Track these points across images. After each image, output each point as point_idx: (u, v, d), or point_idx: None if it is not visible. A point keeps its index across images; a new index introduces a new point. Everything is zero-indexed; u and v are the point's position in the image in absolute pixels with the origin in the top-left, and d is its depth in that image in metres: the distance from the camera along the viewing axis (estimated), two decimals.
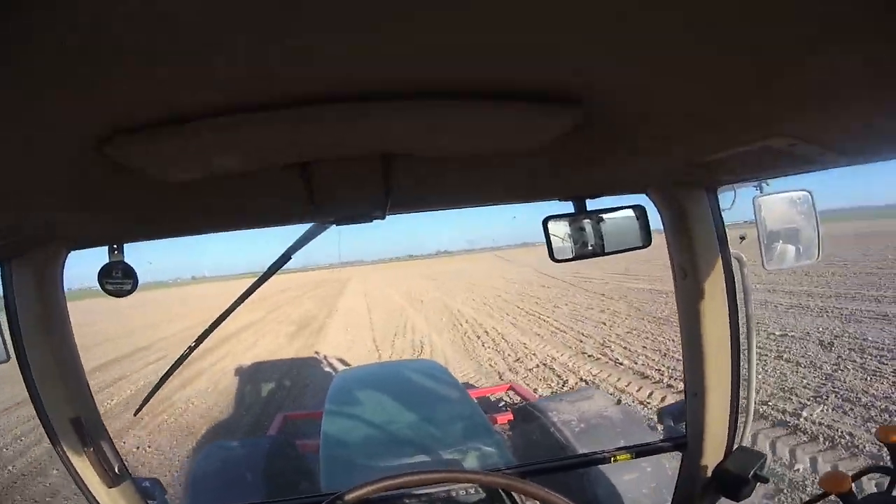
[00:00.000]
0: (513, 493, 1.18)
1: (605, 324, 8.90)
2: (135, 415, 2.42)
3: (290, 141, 0.64)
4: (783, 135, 0.73)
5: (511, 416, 3.46)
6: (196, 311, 18.63)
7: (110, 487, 1.19)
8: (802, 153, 0.81)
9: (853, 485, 0.89)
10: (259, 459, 2.52)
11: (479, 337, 9.11)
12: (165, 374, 1.47)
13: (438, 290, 20.36)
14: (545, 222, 1.12)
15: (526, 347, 7.64)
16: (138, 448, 4.90)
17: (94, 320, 16.90)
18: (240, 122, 0.55)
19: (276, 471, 2.49)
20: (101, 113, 0.52)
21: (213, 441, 4.93)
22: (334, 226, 1.11)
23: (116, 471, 1.21)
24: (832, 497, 0.93)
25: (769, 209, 1.13)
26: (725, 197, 1.18)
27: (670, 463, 2.09)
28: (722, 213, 1.19)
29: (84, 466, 1.17)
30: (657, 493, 2.03)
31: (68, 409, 1.14)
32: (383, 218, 1.03)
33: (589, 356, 6.71)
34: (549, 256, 1.12)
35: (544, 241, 1.15)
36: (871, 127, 0.73)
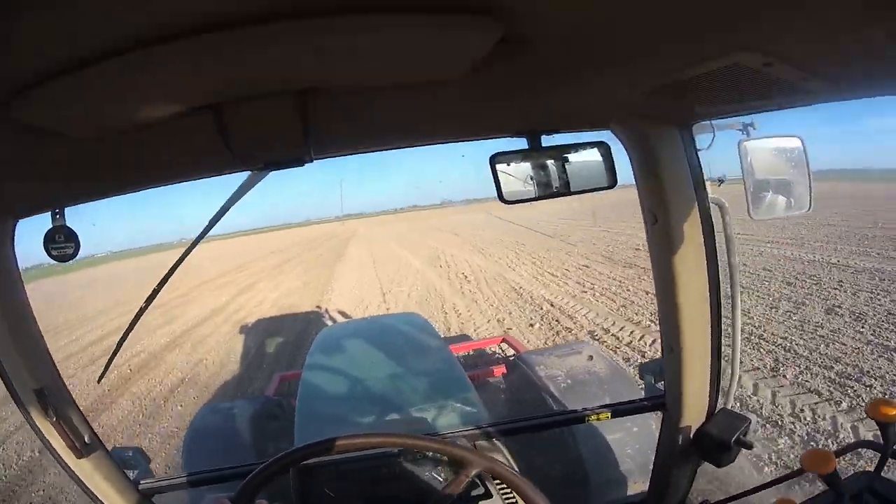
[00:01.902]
0: (469, 468, 1.15)
1: None
2: (98, 381, 2.50)
3: (191, 77, 0.60)
4: (754, 48, 0.64)
5: (505, 369, 3.48)
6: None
7: (79, 458, 1.19)
8: (780, 77, 0.72)
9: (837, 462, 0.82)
10: (252, 420, 2.55)
11: None
12: (121, 338, 1.42)
13: (479, 254, 14.42)
14: (493, 159, 1.03)
15: None
16: None
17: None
18: (136, 61, 0.51)
19: (268, 431, 2.51)
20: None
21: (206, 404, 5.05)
22: (270, 172, 1.04)
23: (86, 440, 1.21)
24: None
25: (756, 154, 1.07)
26: (704, 139, 1.10)
27: (656, 422, 2.03)
28: (698, 152, 1.11)
29: (53, 437, 1.17)
30: (643, 453, 2.00)
31: (31, 381, 1.14)
32: (311, 160, 0.96)
33: None
34: (498, 197, 1.03)
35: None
36: (863, 46, 0.60)
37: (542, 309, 7.13)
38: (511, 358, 3.78)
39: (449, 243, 18.79)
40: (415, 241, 22.15)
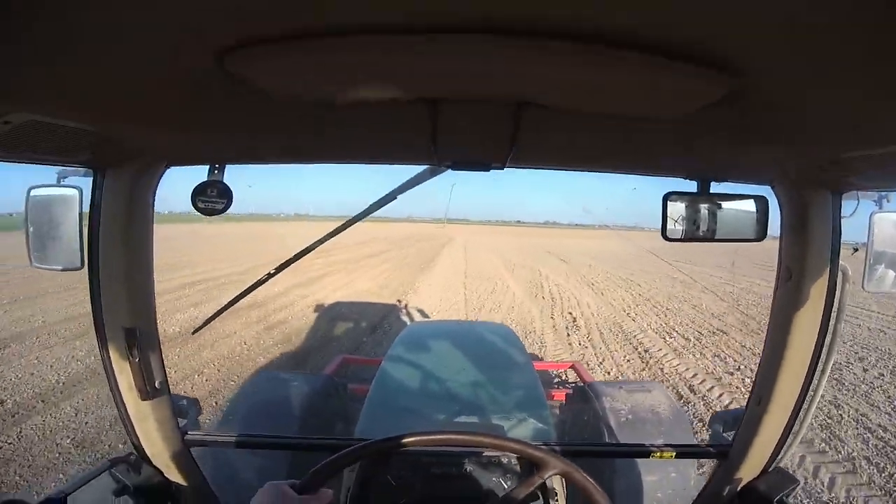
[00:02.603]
0: (544, 470, 1.17)
1: None
2: (192, 333, 2.43)
3: (420, 72, 0.62)
4: None
5: (568, 392, 3.44)
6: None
7: (144, 399, 1.22)
8: None
9: None
10: (306, 395, 2.52)
11: None
12: (237, 296, 1.48)
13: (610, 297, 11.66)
14: (665, 198, 1.10)
15: None
16: None
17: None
18: (370, 44, 0.53)
19: (321, 409, 2.50)
20: (224, 23, 0.50)
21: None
22: (449, 171, 1.10)
23: (157, 385, 1.24)
24: None
25: (884, 227, 1.09)
26: (848, 205, 1.13)
27: (695, 474, 2.05)
28: (842, 220, 1.14)
29: (125, 376, 1.20)
30: (671, 499, 1.98)
31: (126, 319, 1.17)
32: (502, 168, 1.03)
33: None
34: (662, 234, 1.11)
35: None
36: None
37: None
38: (576, 384, 3.78)
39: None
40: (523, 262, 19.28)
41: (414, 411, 2.09)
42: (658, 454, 1.45)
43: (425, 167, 1.19)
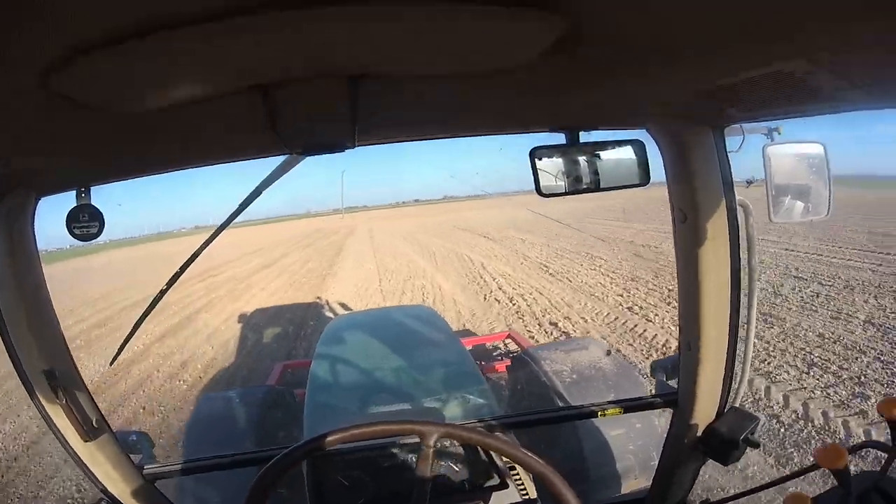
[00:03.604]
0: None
1: None
2: (110, 364, 2.43)
3: (244, 57, 0.61)
4: (801, 56, 0.66)
5: (508, 363, 3.46)
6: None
7: (86, 441, 1.20)
8: (819, 85, 0.75)
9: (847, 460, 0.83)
10: (255, 409, 2.53)
11: None
12: (137, 321, 1.47)
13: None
14: (532, 153, 1.08)
15: None
16: None
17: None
18: (187, 36, 0.51)
19: (271, 420, 2.51)
20: (39, 40, 0.49)
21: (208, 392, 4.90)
22: (306, 157, 1.11)
23: (94, 424, 1.22)
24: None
25: (779, 159, 1.11)
26: (733, 141, 1.14)
27: (659, 420, 2.08)
28: (728, 155, 1.14)
29: (60, 419, 1.18)
30: (644, 450, 2.02)
31: (41, 361, 1.15)
32: (353, 146, 1.01)
33: None
34: (536, 191, 1.08)
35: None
36: None
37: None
38: (515, 353, 3.74)
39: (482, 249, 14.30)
40: (438, 248, 16.27)
41: (352, 406, 2.11)
42: (605, 412, 1.48)
43: (282, 157, 1.19)
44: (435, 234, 21.94)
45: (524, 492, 1.41)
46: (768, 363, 4.41)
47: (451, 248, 15.68)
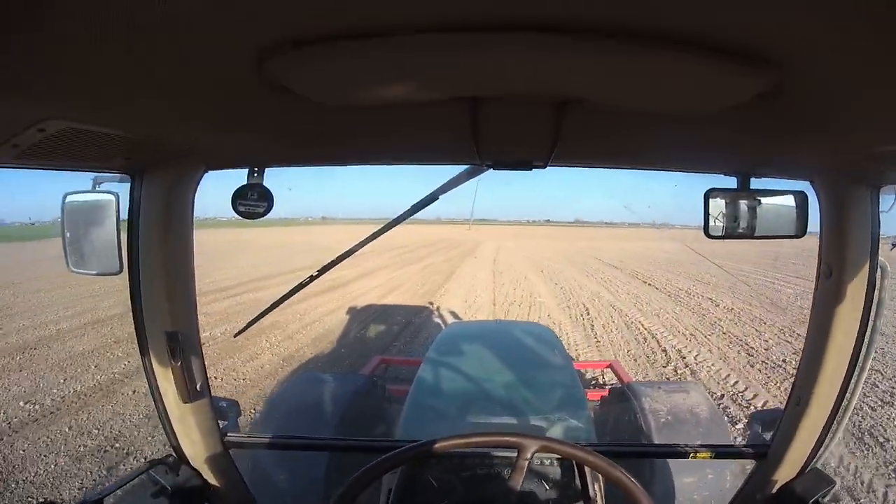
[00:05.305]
0: (584, 469, 1.20)
1: None
2: (235, 336, 2.47)
3: (462, 71, 0.62)
4: None
5: (604, 394, 3.39)
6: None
7: (186, 402, 1.24)
8: None
9: None
10: (346, 396, 2.55)
11: None
12: (278, 300, 1.49)
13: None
14: (707, 195, 1.11)
15: None
16: None
17: None
18: (411, 45, 0.53)
19: (358, 409, 2.52)
20: (265, 28, 0.51)
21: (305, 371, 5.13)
22: (490, 170, 1.10)
23: (198, 387, 1.26)
24: None
25: None
26: (884, 200, 1.14)
27: (731, 473, 2.03)
28: (880, 214, 1.15)
29: (167, 379, 1.22)
30: (709, 500, 1.97)
31: (167, 323, 1.19)
32: (545, 167, 1.03)
33: None
34: (704, 232, 1.11)
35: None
36: None
37: None
38: (614, 384, 3.72)
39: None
40: (587, 296, 11.15)
41: (454, 413, 2.10)
42: (696, 454, 1.45)
43: (465, 168, 1.20)
44: (580, 270, 17.08)
45: None
46: None
47: (610, 302, 10.46)
